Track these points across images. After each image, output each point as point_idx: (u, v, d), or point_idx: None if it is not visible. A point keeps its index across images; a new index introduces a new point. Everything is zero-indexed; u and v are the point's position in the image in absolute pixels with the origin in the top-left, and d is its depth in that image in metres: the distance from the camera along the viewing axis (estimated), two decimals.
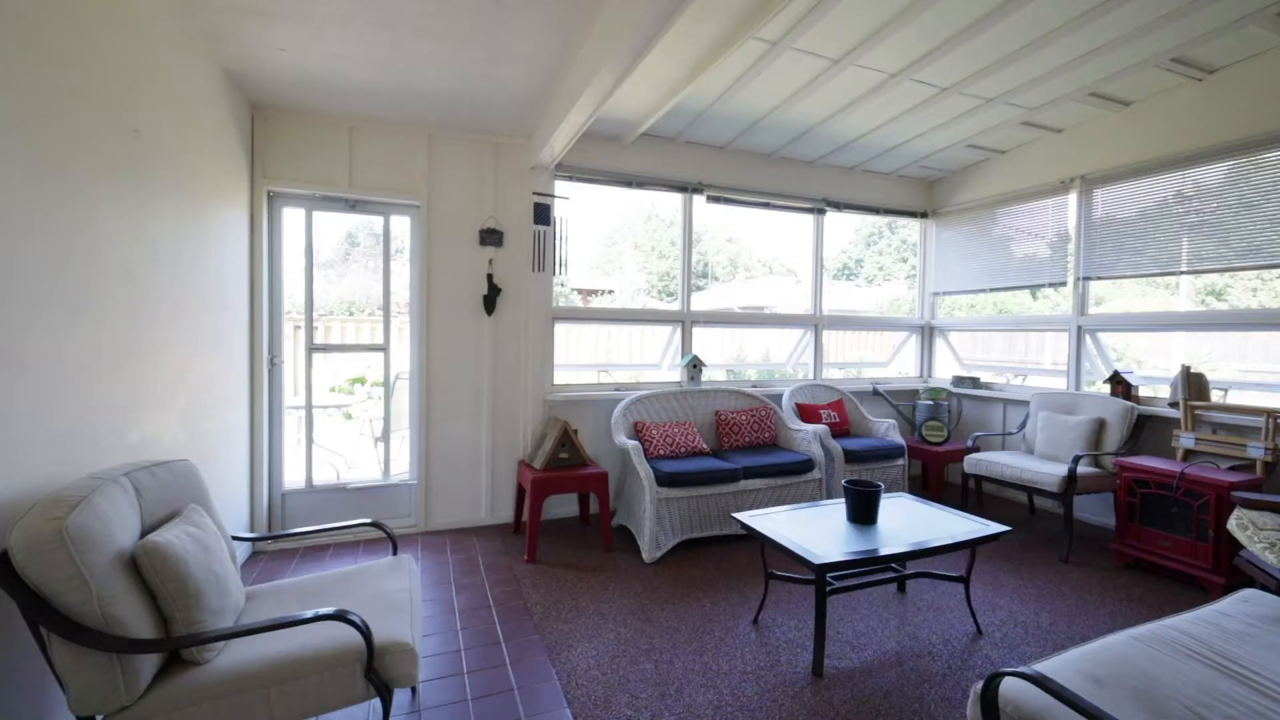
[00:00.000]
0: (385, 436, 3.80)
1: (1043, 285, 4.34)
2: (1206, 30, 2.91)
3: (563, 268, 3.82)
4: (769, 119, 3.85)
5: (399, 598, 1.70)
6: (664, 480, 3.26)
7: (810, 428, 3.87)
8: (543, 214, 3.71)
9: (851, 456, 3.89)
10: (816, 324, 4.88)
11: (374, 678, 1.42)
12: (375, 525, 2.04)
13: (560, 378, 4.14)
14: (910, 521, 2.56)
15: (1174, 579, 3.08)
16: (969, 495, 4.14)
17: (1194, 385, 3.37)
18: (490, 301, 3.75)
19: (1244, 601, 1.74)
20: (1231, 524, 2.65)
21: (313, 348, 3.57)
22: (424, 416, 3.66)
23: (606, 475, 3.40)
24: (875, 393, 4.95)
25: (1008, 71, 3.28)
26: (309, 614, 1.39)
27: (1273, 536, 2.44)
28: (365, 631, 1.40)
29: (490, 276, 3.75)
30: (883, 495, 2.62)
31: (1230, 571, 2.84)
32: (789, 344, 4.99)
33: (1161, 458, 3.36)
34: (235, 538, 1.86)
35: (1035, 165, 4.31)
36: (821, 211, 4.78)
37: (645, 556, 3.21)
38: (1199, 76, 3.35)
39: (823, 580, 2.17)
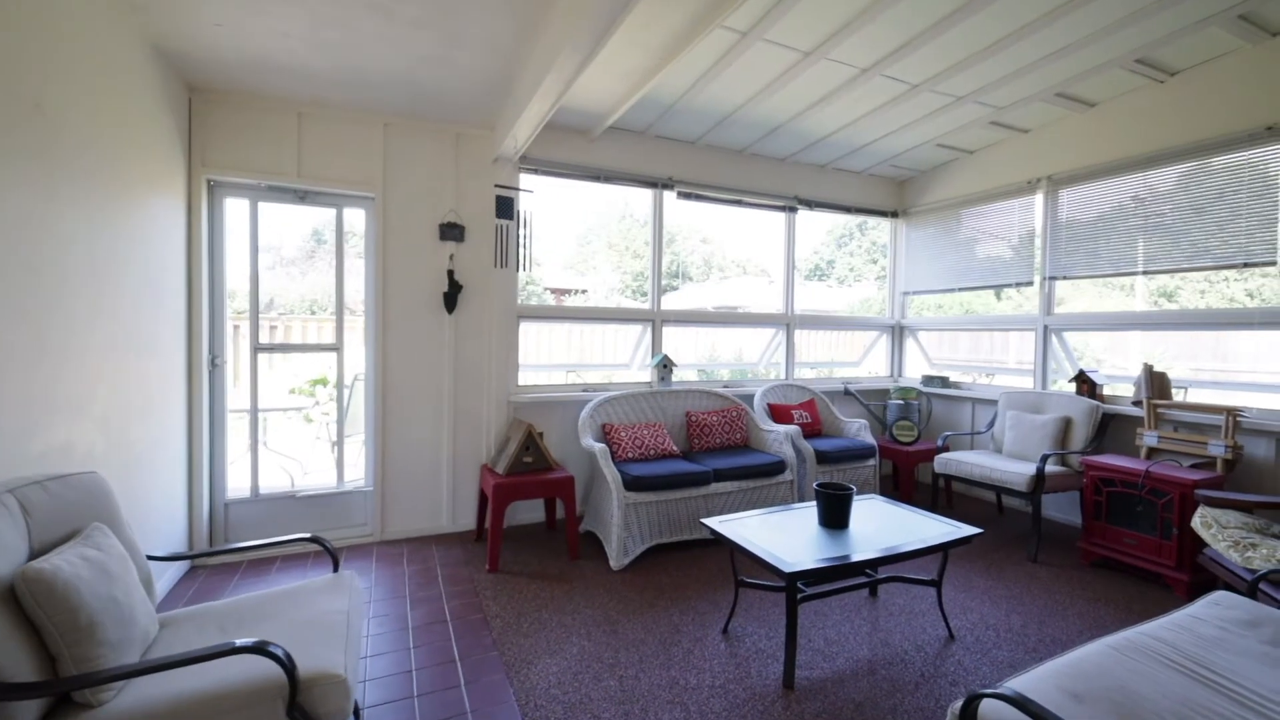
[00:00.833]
0: (339, 441, 3.60)
1: (1010, 285, 4.37)
2: (1170, 31, 2.93)
3: (527, 264, 3.67)
4: (740, 114, 3.77)
5: (334, 620, 1.55)
6: (632, 484, 3.15)
7: (782, 428, 3.81)
8: (505, 207, 3.56)
9: (823, 457, 3.84)
10: (788, 323, 4.83)
11: (298, 715, 1.27)
12: (314, 540, 1.88)
13: (526, 379, 3.99)
14: (882, 525, 2.50)
15: (1139, 577, 3.09)
16: (939, 494, 4.14)
17: (1157, 384, 3.41)
18: (451, 299, 3.58)
19: (1216, 604, 1.71)
20: (1195, 522, 2.66)
21: (258, 347, 3.35)
22: (380, 420, 3.47)
23: (573, 480, 3.27)
24: (847, 392, 4.93)
25: (977, 69, 3.26)
26: (222, 646, 1.24)
27: (1236, 535, 2.45)
28: (288, 664, 1.25)
29: (451, 273, 3.59)
30: (855, 498, 2.56)
31: (1194, 569, 2.86)
32: (761, 344, 4.93)
33: (1126, 456, 3.38)
34: (151, 558, 1.68)
35: (1003, 165, 4.33)
36: (793, 210, 4.73)
37: (613, 564, 3.09)
38: (1161, 78, 3.38)
39: (794, 589, 2.08)
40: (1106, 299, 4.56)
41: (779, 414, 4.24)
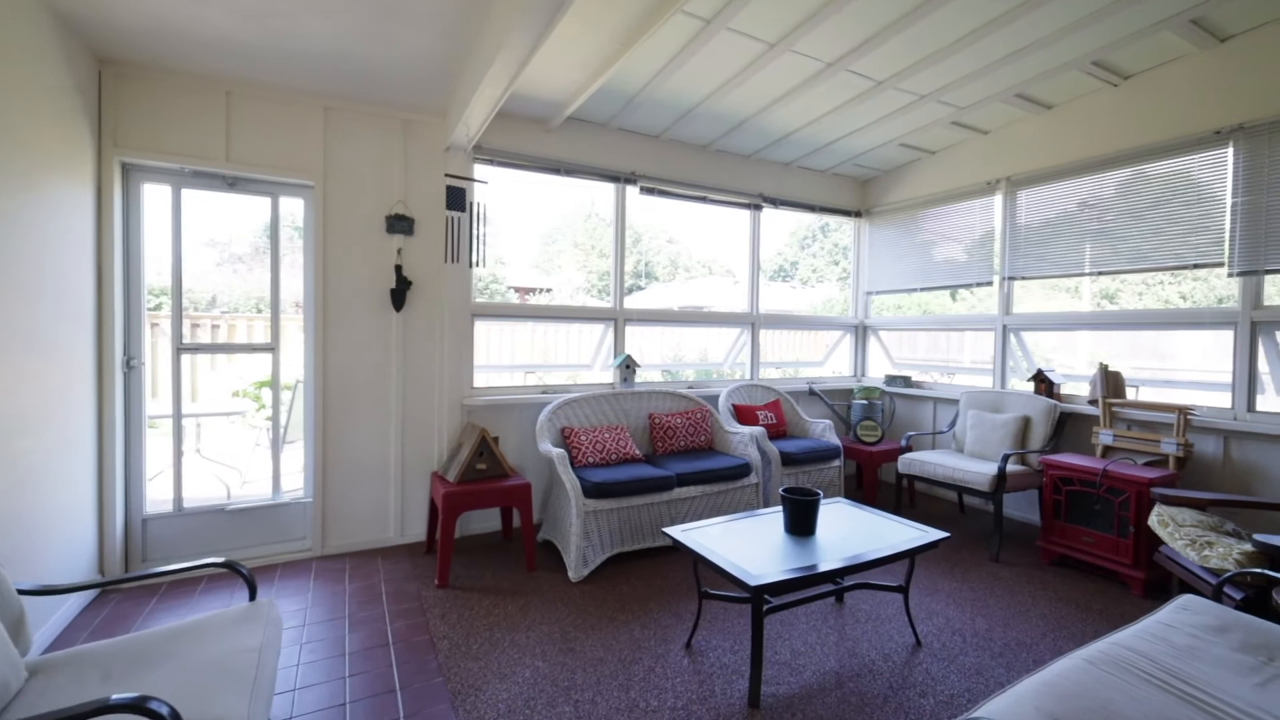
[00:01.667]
0: (275, 449, 3.34)
1: (970, 285, 4.40)
2: (1125, 34, 2.95)
3: (482, 259, 3.47)
4: (704, 107, 3.67)
5: (242, 661, 1.36)
6: (592, 491, 3.00)
7: (747, 430, 3.72)
8: (457, 198, 3.35)
9: (789, 459, 3.77)
10: (753, 323, 4.76)
11: None
12: (227, 566, 1.66)
13: (482, 380, 3.80)
14: (849, 531, 2.42)
15: (1097, 574, 3.12)
16: (903, 494, 4.13)
17: (1112, 383, 3.46)
18: (399, 296, 3.36)
19: (1184, 609, 1.68)
20: (1152, 521, 2.68)
21: (181, 348, 3.06)
22: (320, 426, 3.23)
23: (529, 487, 3.09)
24: (811, 393, 4.89)
25: (939, 67, 3.23)
26: (91, 705, 1.04)
27: (1193, 533, 2.46)
28: None
29: (399, 268, 3.36)
30: (821, 502, 2.47)
31: (1150, 567, 2.89)
32: (726, 344, 4.85)
33: (1083, 454, 3.42)
34: (23, 591, 1.45)
35: (963, 166, 4.35)
36: (759, 207, 4.66)
37: (571, 575, 2.94)
38: (1115, 82, 3.43)
39: (760, 602, 1.97)
40: (1053, 300, 4.65)
41: (744, 415, 4.16)
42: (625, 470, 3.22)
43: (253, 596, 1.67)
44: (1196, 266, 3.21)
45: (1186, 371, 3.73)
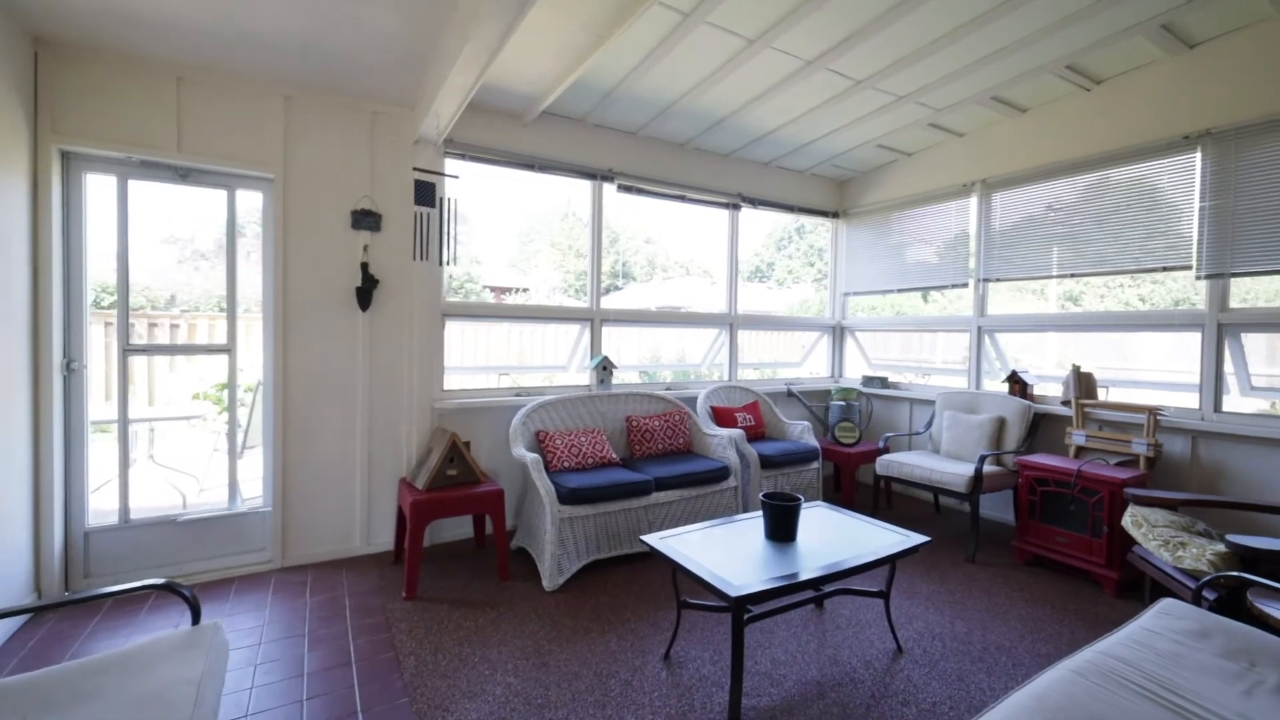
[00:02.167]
0: (233, 454, 3.16)
1: (946, 286, 4.42)
2: (1099, 38, 2.97)
3: (453, 257, 3.35)
4: (683, 104, 3.60)
5: (179, 695, 1.24)
6: (567, 497, 2.91)
7: (726, 432, 3.67)
8: (426, 193, 3.22)
9: (767, 462, 3.73)
10: (731, 323, 4.72)
11: None
12: (167, 588, 1.53)
13: (454, 382, 3.67)
14: (830, 536, 2.38)
15: (1071, 574, 3.14)
16: (880, 495, 4.12)
17: (1084, 384, 3.50)
18: (365, 295, 3.22)
19: (1165, 614, 1.66)
20: (1126, 521, 2.69)
21: (128, 349, 2.87)
22: (280, 431, 3.07)
23: (502, 494, 2.99)
24: (790, 394, 4.87)
25: (918, 68, 3.22)
26: None
27: (1166, 534, 2.48)
28: None
29: (365, 266, 3.22)
30: (801, 507, 2.42)
31: (1123, 566, 2.92)
32: (704, 344, 4.80)
33: (1056, 455, 3.45)
34: None
35: (939, 168, 4.37)
36: (737, 207, 4.62)
37: (546, 584, 2.84)
38: (1088, 86, 3.46)
39: (740, 612, 1.91)
40: (1020, 301, 4.71)
41: (722, 417, 4.11)
42: (602, 475, 3.13)
43: (196, 620, 1.54)
44: (1166, 269, 3.26)
45: (1148, 372, 3.79)
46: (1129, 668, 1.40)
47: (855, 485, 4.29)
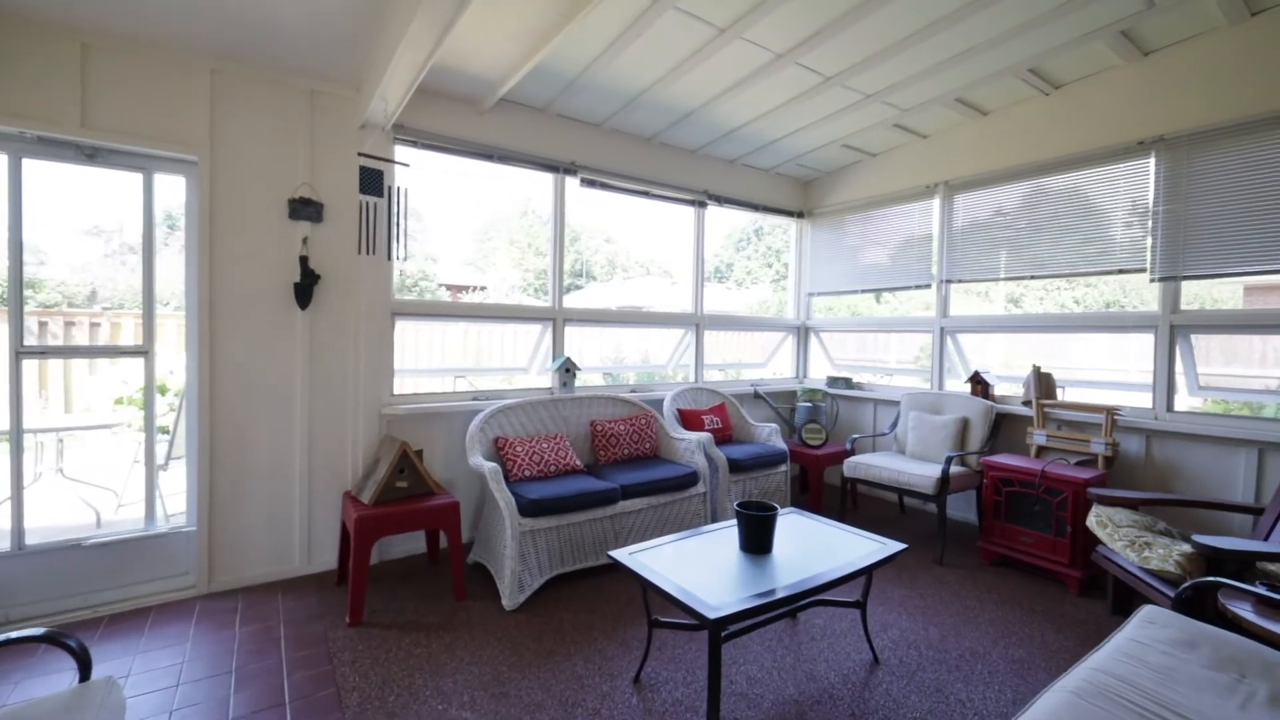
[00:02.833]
0: (150, 468, 2.84)
1: (910, 287, 4.43)
2: (1061, 42, 3.00)
3: (402, 250, 3.10)
4: (650, 95, 3.46)
5: None
6: (529, 509, 2.73)
7: (694, 436, 3.55)
8: (372, 181, 2.97)
9: (736, 466, 3.63)
10: (698, 324, 4.61)
11: None
12: (49, 639, 1.28)
13: (407, 385, 3.42)
14: (806, 546, 2.29)
15: (1035, 574, 3.16)
16: (847, 497, 4.09)
17: (1043, 385, 3.54)
18: (305, 291, 2.94)
19: (1150, 623, 1.63)
20: (1091, 521, 2.71)
21: (21, 351, 2.52)
22: (207, 441, 2.77)
23: (458, 506, 2.77)
24: (756, 395, 4.81)
25: (887, 66, 3.18)
26: None
27: (1130, 534, 2.50)
28: None
29: (305, 259, 2.95)
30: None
31: (1086, 565, 2.95)
32: (669, 345, 4.68)
33: (1018, 454, 3.48)
34: None
35: (903, 169, 4.39)
36: (703, 205, 4.52)
37: (506, 603, 2.65)
38: (1048, 90, 3.51)
39: (718, 635, 1.78)
40: (967, 303, 4.78)
41: (689, 420, 4.00)
42: (565, 484, 2.96)
43: (85, 674, 1.30)
44: (1122, 272, 3.33)
45: (1087, 371, 3.90)
46: (1126, 686, 1.34)
47: (823, 487, 4.25)
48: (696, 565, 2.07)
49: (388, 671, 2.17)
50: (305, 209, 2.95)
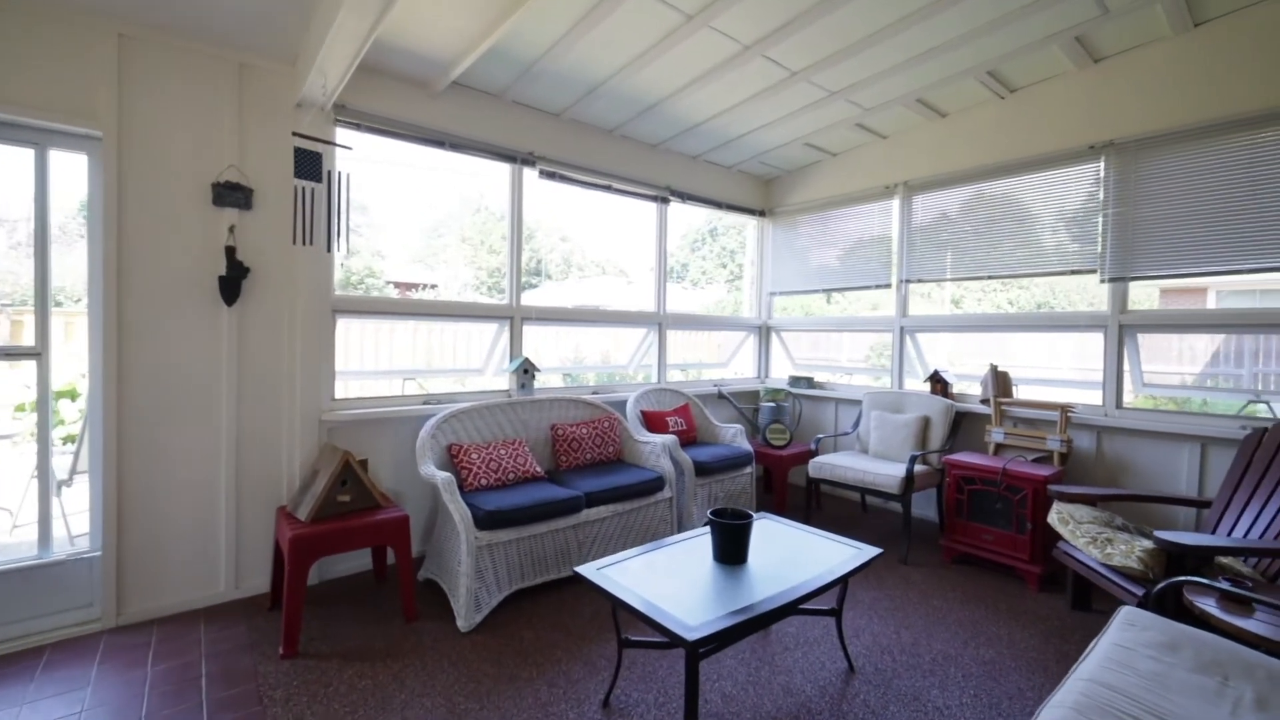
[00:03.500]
0: (45, 485, 2.48)
1: (870, 287, 4.45)
2: (1023, 44, 3.04)
3: (343, 241, 2.84)
4: (613, 84, 3.32)
5: None
6: (485, 521, 2.54)
7: (659, 439, 3.43)
8: (309, 164, 2.70)
9: (702, 469, 3.54)
10: (660, 323, 4.50)
11: None
12: None
13: (349, 389, 3.16)
14: (781, 554, 2.20)
15: (996, 571, 3.19)
16: (812, 497, 4.07)
17: (1000, 383, 3.60)
18: (232, 285, 2.65)
19: (1130, 626, 1.60)
20: (1052, 519, 2.74)
21: None
22: (114, 453, 2.44)
23: (407, 520, 2.55)
24: (720, 396, 4.73)
25: (853, 62, 3.15)
26: None
27: (1091, 530, 2.53)
28: None
29: (232, 250, 2.66)
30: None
31: (1046, 560, 2.99)
32: (630, 345, 4.55)
33: (977, 452, 3.53)
34: None
35: (863, 169, 4.40)
36: (666, 201, 4.41)
37: (461, 623, 2.45)
38: (1003, 94, 3.57)
39: (696, 657, 1.66)
40: (912, 304, 4.82)
41: (653, 422, 3.88)
42: (525, 492, 2.78)
43: None
44: (1074, 273, 3.41)
45: (1027, 369, 3.99)
46: (1122, 698, 1.29)
47: (787, 488, 4.21)
48: (669, 579, 1.95)
49: (328, 710, 1.94)
50: (232, 194, 2.66)
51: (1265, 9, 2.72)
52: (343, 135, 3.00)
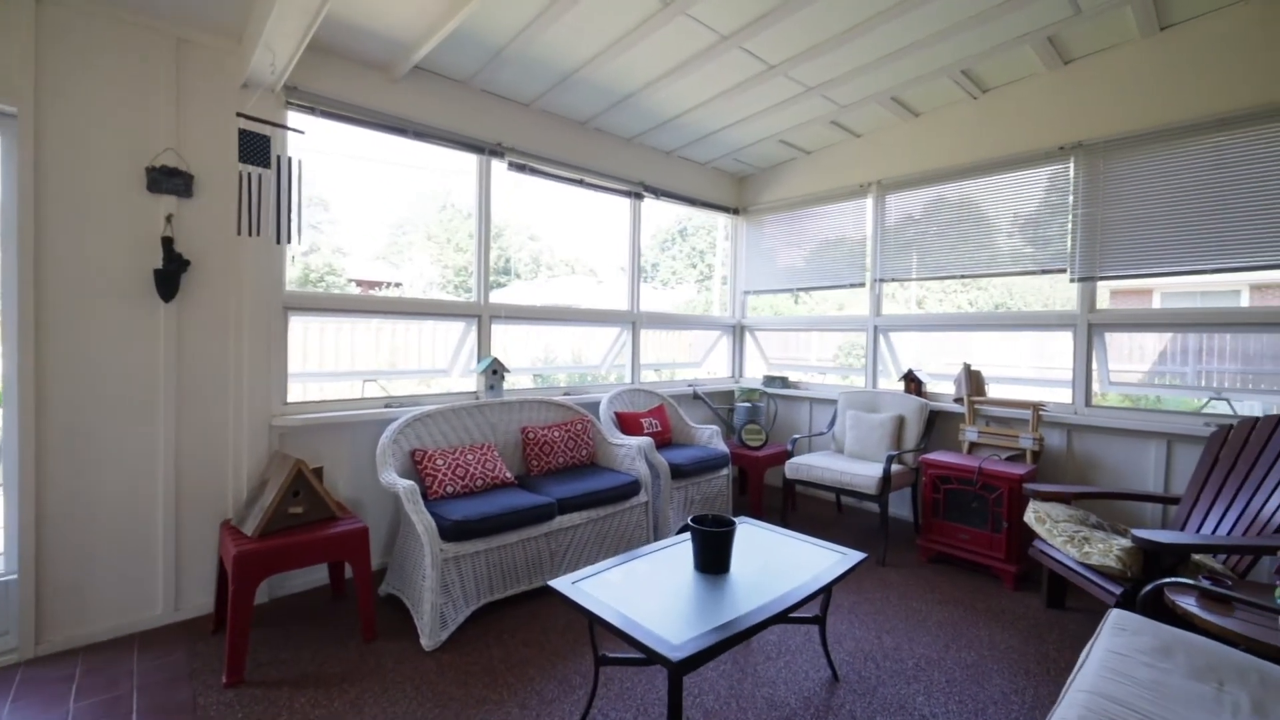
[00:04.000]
0: None
1: (844, 286, 4.43)
2: (995, 44, 3.03)
3: (297, 232, 2.63)
4: (586, 73, 3.19)
5: None
6: (452, 532, 2.38)
7: (634, 441, 3.32)
8: (256, 148, 2.49)
9: (678, 471, 3.44)
10: (634, 322, 4.39)
11: None
12: None
13: (304, 392, 2.95)
14: (764, 561, 2.11)
15: (972, 570, 3.19)
16: (789, 499, 4.02)
17: (974, 382, 3.62)
18: (170, 279, 2.43)
19: (1122, 630, 1.57)
20: (1029, 517, 2.74)
21: None
22: (31, 464, 2.20)
23: (366, 532, 2.38)
24: (695, 396, 4.65)
25: (831, 57, 3.11)
26: None
27: (1068, 529, 2.53)
28: None
29: (169, 241, 2.43)
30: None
31: (1021, 559, 3.00)
32: (603, 345, 4.43)
33: (951, 451, 3.53)
34: None
35: (837, 167, 4.38)
36: (640, 196, 4.30)
37: (425, 642, 2.29)
38: (975, 94, 3.58)
39: (680, 677, 1.55)
40: (863, 305, 4.82)
41: (628, 424, 3.77)
42: (494, 500, 2.63)
43: None
44: (1045, 272, 3.44)
45: (992, 367, 4.04)
46: (1125, 710, 1.24)
47: (763, 490, 4.16)
48: (649, 592, 1.84)
49: None
50: (170, 180, 2.44)
51: (1228, 14, 2.78)
52: (296, 119, 2.79)
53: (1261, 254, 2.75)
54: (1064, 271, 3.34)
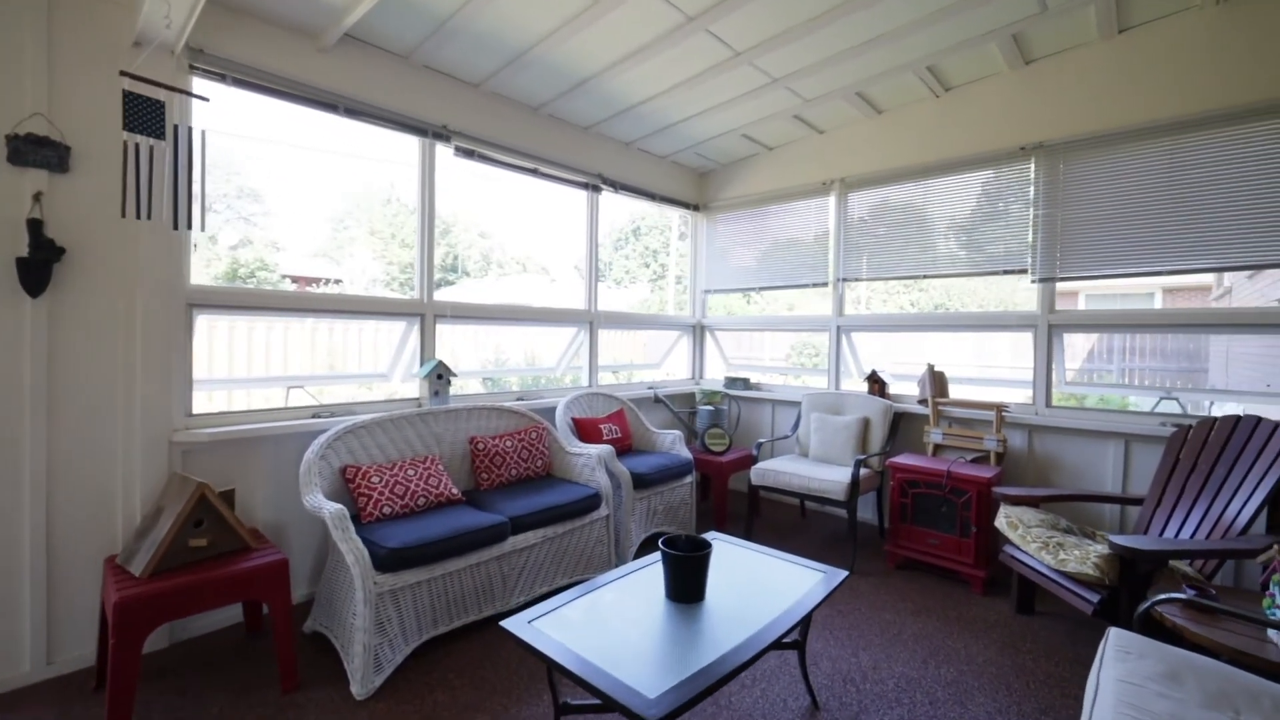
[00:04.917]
0: None
1: (807, 285, 4.34)
2: (960, 40, 2.98)
3: (199, 217, 2.25)
4: (540, 52, 2.94)
5: None
6: (388, 561, 2.09)
7: (594, 450, 3.09)
8: (147, 115, 2.10)
9: (641, 481, 3.24)
10: (591, 321, 4.16)
11: None
12: None
13: (213, 402, 2.58)
14: (740, 583, 1.94)
15: (941, 575, 3.13)
16: (754, 505, 3.88)
17: (938, 383, 3.58)
18: (38, 270, 2.03)
19: (1126, 654, 1.47)
20: (1000, 522, 2.68)
21: None
22: None
23: (285, 564, 2.06)
24: (656, 399, 4.46)
25: (795, 48, 2.98)
26: None
27: (1041, 534, 2.47)
28: None
29: (37, 224, 2.03)
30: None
31: (990, 564, 2.95)
32: (559, 346, 4.17)
33: (916, 453, 3.47)
34: None
35: (799, 164, 4.28)
36: (597, 189, 4.07)
37: (356, 689, 1.99)
38: (938, 92, 3.54)
39: None
40: (820, 305, 4.80)
41: (586, 430, 3.53)
42: (439, 521, 2.35)
43: None
44: (1006, 273, 3.43)
45: (948, 367, 4.06)
46: None
47: (728, 496, 4.01)
48: (615, 628, 1.62)
49: None
50: (38, 151, 2.04)
51: (1183, 18, 2.81)
52: (202, 87, 2.42)
53: (1217, 255, 2.79)
54: (1025, 272, 3.33)
